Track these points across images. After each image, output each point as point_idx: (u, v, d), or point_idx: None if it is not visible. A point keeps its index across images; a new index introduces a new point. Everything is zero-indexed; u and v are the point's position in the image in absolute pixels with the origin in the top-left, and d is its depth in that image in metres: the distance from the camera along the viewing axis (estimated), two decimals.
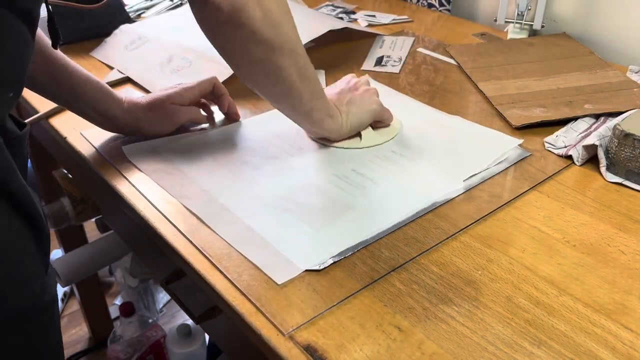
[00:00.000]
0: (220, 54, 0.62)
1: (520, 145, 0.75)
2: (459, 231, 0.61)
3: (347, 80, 0.79)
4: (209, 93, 0.79)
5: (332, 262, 0.56)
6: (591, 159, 0.72)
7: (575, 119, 0.79)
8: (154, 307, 1.57)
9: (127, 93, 0.86)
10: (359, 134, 0.75)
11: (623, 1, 0.98)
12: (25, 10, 0.50)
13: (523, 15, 1.06)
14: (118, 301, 1.66)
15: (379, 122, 0.77)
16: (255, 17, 0.56)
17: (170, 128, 0.76)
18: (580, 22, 1.05)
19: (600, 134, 0.72)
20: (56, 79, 0.70)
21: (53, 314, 0.59)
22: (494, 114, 0.83)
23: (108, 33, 1.03)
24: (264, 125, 0.80)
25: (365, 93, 0.76)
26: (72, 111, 0.74)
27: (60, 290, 1.67)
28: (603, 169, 0.70)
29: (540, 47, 1.01)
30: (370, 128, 0.76)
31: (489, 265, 0.56)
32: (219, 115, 0.82)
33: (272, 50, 0.59)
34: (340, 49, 1.04)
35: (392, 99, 0.87)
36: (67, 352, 1.54)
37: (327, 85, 0.90)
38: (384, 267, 0.56)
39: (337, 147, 0.74)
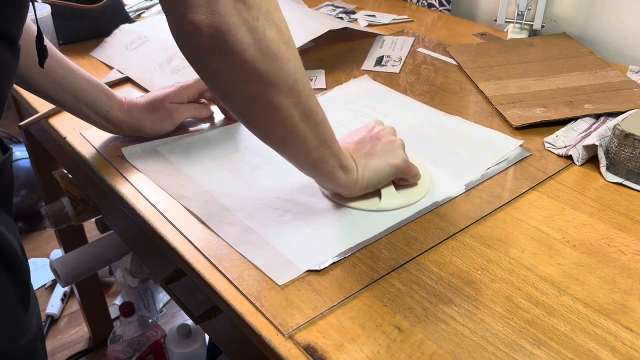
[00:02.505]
0: (207, 85, 0.52)
1: (520, 145, 0.75)
2: (459, 231, 0.61)
3: (370, 127, 0.68)
4: (208, 90, 0.79)
5: (332, 262, 0.56)
6: (591, 159, 0.72)
7: (575, 119, 0.79)
8: (154, 307, 1.57)
9: (127, 93, 0.86)
10: (378, 193, 0.65)
11: (623, 1, 0.98)
12: (3, 32, 0.47)
13: (523, 15, 1.06)
14: (118, 301, 1.66)
15: (403, 180, 0.66)
16: (245, 45, 0.47)
17: (170, 127, 0.76)
18: (580, 22, 1.05)
19: (600, 134, 0.72)
20: (59, 83, 0.69)
21: (35, 354, 0.56)
22: (494, 114, 0.83)
23: (108, 33, 1.03)
24: None
25: (389, 144, 0.65)
26: (75, 115, 0.73)
27: (60, 290, 1.67)
28: (603, 169, 0.70)
29: (540, 47, 1.01)
30: (392, 187, 0.65)
31: (489, 265, 0.56)
32: (219, 115, 0.82)
33: (266, 87, 0.50)
34: (340, 49, 1.04)
35: (392, 99, 0.87)
36: (67, 352, 1.54)
37: (326, 85, 0.90)
38: (384, 267, 0.56)
39: (350, 207, 0.64)
